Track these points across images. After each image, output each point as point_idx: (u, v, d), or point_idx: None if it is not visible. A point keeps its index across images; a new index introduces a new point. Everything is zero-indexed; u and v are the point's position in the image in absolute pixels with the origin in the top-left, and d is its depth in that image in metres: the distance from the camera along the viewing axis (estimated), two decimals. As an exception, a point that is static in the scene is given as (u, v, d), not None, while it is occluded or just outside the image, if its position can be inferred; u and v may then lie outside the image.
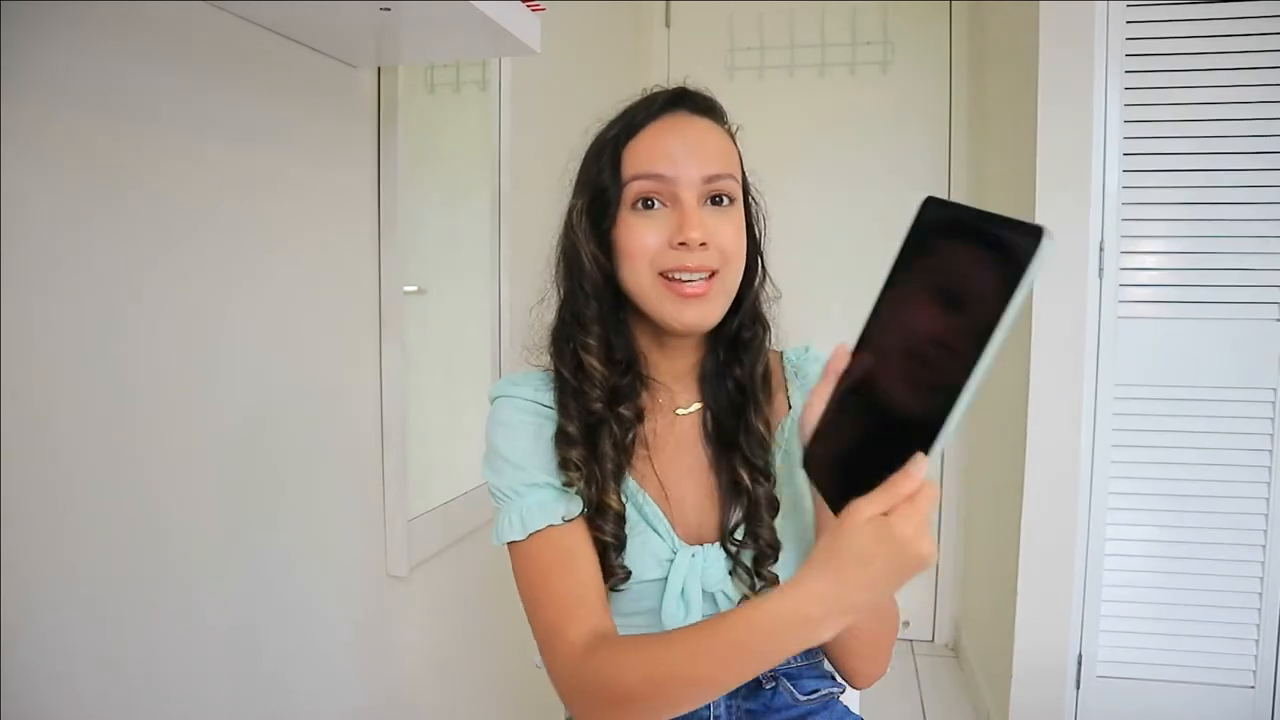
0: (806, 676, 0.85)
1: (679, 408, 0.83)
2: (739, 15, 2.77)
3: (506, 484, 0.78)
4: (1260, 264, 1.80)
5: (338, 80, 1.08)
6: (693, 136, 0.76)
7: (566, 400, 0.79)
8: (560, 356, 0.81)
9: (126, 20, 0.75)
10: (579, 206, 0.79)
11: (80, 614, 0.73)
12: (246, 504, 0.94)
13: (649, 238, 0.74)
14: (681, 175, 0.74)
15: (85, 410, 0.73)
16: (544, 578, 0.75)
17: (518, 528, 0.76)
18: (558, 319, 0.83)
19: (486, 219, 1.51)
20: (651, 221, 0.75)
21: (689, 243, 0.73)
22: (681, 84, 0.81)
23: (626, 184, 0.75)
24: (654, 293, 0.75)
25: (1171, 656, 1.88)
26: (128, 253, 0.77)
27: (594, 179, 0.78)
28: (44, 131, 0.68)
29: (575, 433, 0.77)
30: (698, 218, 0.73)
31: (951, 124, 2.68)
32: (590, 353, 0.78)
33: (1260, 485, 1.82)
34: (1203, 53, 1.78)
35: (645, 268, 0.75)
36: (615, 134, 0.77)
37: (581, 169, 0.81)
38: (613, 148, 0.77)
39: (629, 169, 0.75)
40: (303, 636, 1.05)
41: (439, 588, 1.39)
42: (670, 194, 0.74)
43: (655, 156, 0.75)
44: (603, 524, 0.76)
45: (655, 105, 0.78)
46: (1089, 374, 1.87)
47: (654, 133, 0.76)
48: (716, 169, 0.75)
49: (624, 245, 0.75)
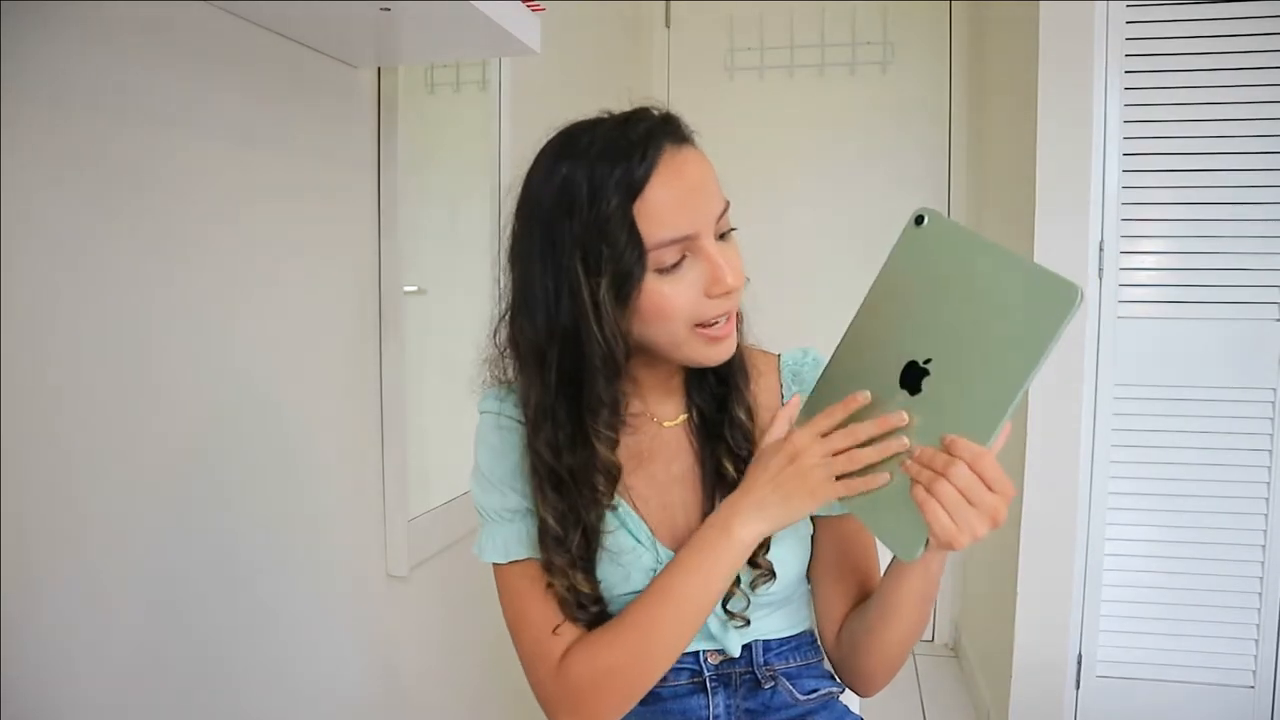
0: (806, 676, 0.85)
1: (665, 420, 0.83)
2: (739, 15, 2.77)
3: (490, 505, 0.80)
4: (1260, 264, 1.80)
5: (338, 80, 1.08)
6: (696, 177, 0.70)
7: (543, 485, 0.75)
8: (538, 435, 0.75)
9: (126, 20, 0.75)
10: (602, 289, 0.68)
11: (79, 614, 0.73)
12: (246, 503, 0.94)
13: (685, 296, 0.70)
14: (704, 227, 0.70)
15: (85, 410, 0.73)
16: (525, 602, 0.77)
17: (500, 551, 0.78)
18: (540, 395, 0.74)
19: (486, 219, 1.51)
20: (683, 279, 0.70)
21: (732, 292, 0.71)
22: (647, 102, 0.74)
23: (650, 252, 0.68)
24: (687, 341, 0.72)
25: (1171, 656, 1.88)
26: (127, 253, 0.77)
27: (613, 256, 0.67)
28: (44, 132, 0.68)
29: (558, 529, 0.74)
30: (729, 264, 0.70)
31: (951, 124, 2.68)
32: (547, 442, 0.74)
33: (1260, 485, 1.82)
34: (1203, 53, 1.79)
35: (681, 324, 0.71)
36: (617, 198, 0.67)
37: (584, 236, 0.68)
38: (621, 215, 0.67)
39: (649, 236, 0.67)
40: (303, 636, 1.05)
41: (439, 588, 1.39)
42: (693, 246, 0.70)
43: (677, 215, 0.68)
44: (579, 611, 0.76)
45: (644, 152, 0.68)
46: (1089, 374, 1.87)
47: (662, 185, 0.68)
48: (721, 204, 0.72)
49: (656, 309, 0.70)
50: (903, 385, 0.65)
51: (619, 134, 0.69)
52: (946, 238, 0.64)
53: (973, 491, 0.61)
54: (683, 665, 0.82)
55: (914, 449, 0.64)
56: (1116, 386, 1.87)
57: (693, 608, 0.72)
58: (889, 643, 0.78)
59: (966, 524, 0.61)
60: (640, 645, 0.73)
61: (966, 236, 0.63)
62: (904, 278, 0.66)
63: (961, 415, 0.62)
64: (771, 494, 0.70)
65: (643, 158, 0.68)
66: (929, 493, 0.62)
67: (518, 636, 0.78)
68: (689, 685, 0.82)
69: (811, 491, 0.69)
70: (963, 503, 0.61)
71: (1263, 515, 1.82)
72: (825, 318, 2.01)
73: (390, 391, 1.20)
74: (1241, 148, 1.78)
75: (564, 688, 0.74)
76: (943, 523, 0.61)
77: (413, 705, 1.33)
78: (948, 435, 0.62)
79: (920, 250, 0.65)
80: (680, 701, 0.82)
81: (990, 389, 0.60)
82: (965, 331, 0.62)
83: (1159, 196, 1.83)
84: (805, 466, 0.69)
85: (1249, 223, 1.79)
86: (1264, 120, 1.77)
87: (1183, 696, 1.88)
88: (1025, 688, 1.94)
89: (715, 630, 0.80)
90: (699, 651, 0.82)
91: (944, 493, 0.61)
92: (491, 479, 0.80)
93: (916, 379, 0.64)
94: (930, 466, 0.62)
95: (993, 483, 0.61)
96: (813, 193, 2.72)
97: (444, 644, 1.44)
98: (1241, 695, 1.86)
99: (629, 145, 0.68)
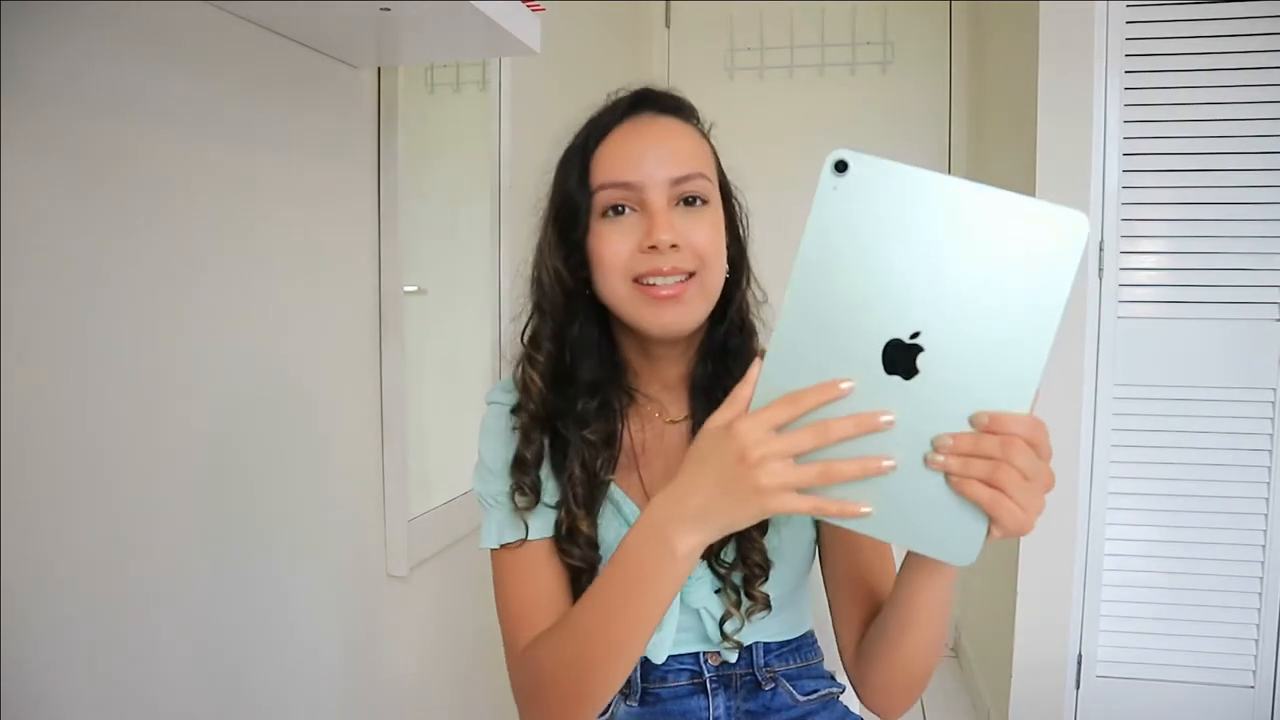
0: (806, 677, 0.85)
1: (670, 418, 0.83)
2: (739, 15, 2.77)
3: (487, 491, 0.81)
4: (1260, 264, 1.80)
5: (338, 80, 1.08)
6: (658, 137, 0.74)
7: (525, 421, 0.78)
8: (515, 375, 0.81)
9: (126, 20, 0.75)
10: (547, 217, 0.78)
11: (79, 614, 0.73)
12: (246, 503, 0.94)
13: (620, 245, 0.73)
14: (648, 179, 0.72)
15: (85, 410, 0.73)
16: (506, 587, 0.79)
17: (493, 536, 0.79)
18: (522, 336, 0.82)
19: (486, 219, 1.51)
20: (621, 228, 0.73)
21: (659, 245, 0.71)
22: (647, 85, 0.79)
23: (595, 193, 0.74)
24: (630, 299, 0.74)
25: (1171, 656, 1.88)
26: (127, 253, 0.77)
27: (562, 189, 0.77)
28: (44, 131, 0.68)
29: (529, 456, 0.77)
30: (666, 220, 0.72)
31: (951, 124, 2.68)
32: (536, 369, 0.78)
33: (1260, 485, 1.81)
34: (1203, 53, 1.78)
35: (619, 276, 0.73)
36: (581, 142, 0.76)
37: (553, 181, 0.79)
38: (580, 156, 0.75)
39: (596, 177, 0.74)
40: (303, 636, 1.05)
41: (439, 588, 1.39)
42: (639, 199, 0.73)
43: (621, 162, 0.73)
44: (571, 548, 0.76)
45: (620, 109, 0.76)
46: (1089, 374, 1.87)
47: (619, 138, 0.75)
48: (685, 169, 0.73)
49: (597, 254, 0.74)
50: (890, 371, 0.53)
51: (612, 103, 0.78)
52: (886, 183, 0.54)
53: (1033, 468, 0.53)
54: (683, 666, 0.82)
55: (942, 439, 0.53)
56: (1116, 386, 1.87)
57: (630, 625, 0.66)
58: (911, 656, 0.72)
59: (1032, 504, 0.53)
60: (579, 657, 0.69)
61: (921, 179, 0.53)
62: (844, 238, 0.53)
63: (985, 388, 0.52)
64: (718, 500, 0.58)
65: (614, 113, 0.76)
66: (992, 484, 0.53)
67: (500, 622, 0.79)
68: (689, 686, 0.82)
69: (762, 505, 0.56)
70: (1024, 483, 0.52)
71: (1263, 515, 1.82)
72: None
73: (390, 391, 1.20)
74: (1241, 148, 1.78)
75: (522, 678, 0.76)
76: (1014, 514, 0.53)
77: (412, 705, 1.33)
78: (985, 412, 0.52)
79: (857, 202, 0.54)
80: (680, 703, 0.82)
81: (1014, 350, 0.52)
82: (960, 292, 0.52)
83: (1159, 196, 1.83)
84: (757, 471, 0.55)
85: (1249, 223, 1.79)
86: (1264, 120, 1.77)
87: (1182, 696, 1.88)
88: (1025, 688, 1.94)
89: (713, 637, 0.80)
90: (699, 653, 0.82)
91: (1008, 480, 0.52)
92: (493, 467, 0.80)
93: (908, 359, 0.53)
94: (978, 454, 0.53)
95: (1046, 452, 0.54)
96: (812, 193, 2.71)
97: (443, 644, 1.44)
98: (1241, 695, 1.85)
99: (614, 105, 0.77)
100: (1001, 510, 0.53)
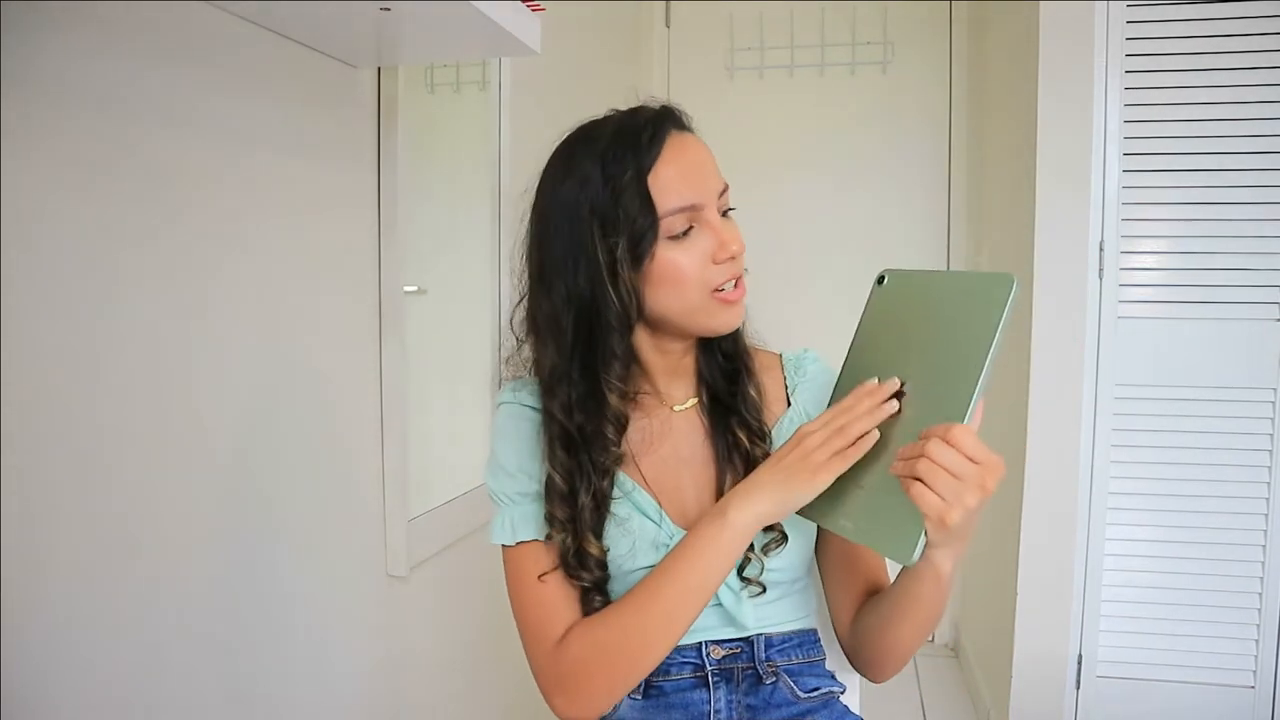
0: (808, 674, 0.86)
1: (676, 404, 0.86)
2: (739, 15, 2.77)
3: (501, 489, 0.83)
4: (1260, 264, 1.80)
5: (338, 80, 1.08)
6: (699, 157, 0.79)
7: (554, 445, 0.79)
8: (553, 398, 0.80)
9: (126, 20, 0.75)
10: (619, 250, 0.75)
11: (79, 615, 0.73)
12: (246, 504, 0.94)
13: (695, 261, 0.77)
14: (708, 199, 0.77)
15: (85, 410, 0.73)
16: (525, 583, 0.80)
17: (508, 533, 0.81)
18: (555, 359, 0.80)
19: (486, 219, 1.51)
20: (693, 247, 0.77)
21: (736, 256, 0.78)
22: (650, 100, 0.82)
23: (662, 220, 0.75)
24: (704, 308, 0.78)
25: (1171, 656, 1.88)
26: (127, 253, 0.77)
27: (628, 221, 0.75)
28: (44, 131, 0.68)
29: (563, 487, 0.79)
30: (732, 231, 0.79)
31: (951, 124, 2.68)
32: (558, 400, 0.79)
33: (1260, 485, 1.82)
34: (1203, 53, 1.78)
35: (695, 289, 0.77)
36: (631, 172, 0.75)
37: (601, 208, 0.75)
38: (636, 186, 0.75)
39: (661, 205, 0.75)
40: (303, 636, 1.05)
41: (439, 588, 1.39)
42: (699, 217, 0.77)
43: (684, 187, 0.76)
44: (581, 572, 0.78)
45: (660, 131, 0.77)
46: (1089, 374, 1.87)
47: (670, 162, 0.76)
48: (722, 183, 0.80)
49: (670, 275, 0.77)
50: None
51: (628, 121, 0.78)
52: (905, 285, 0.74)
53: (954, 464, 0.63)
54: (685, 659, 0.82)
55: (900, 451, 0.68)
56: (1116, 386, 1.87)
57: (689, 589, 0.73)
58: (901, 638, 0.81)
59: (955, 497, 0.63)
60: (636, 622, 0.74)
61: (921, 277, 0.74)
62: (877, 327, 0.75)
63: (936, 412, 0.67)
64: (771, 476, 0.72)
65: (652, 138, 0.76)
66: (914, 476, 0.64)
67: (521, 617, 0.80)
68: (691, 679, 0.82)
69: (814, 471, 0.70)
70: (947, 477, 0.63)
71: (1263, 515, 1.82)
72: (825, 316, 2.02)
73: (390, 391, 1.20)
74: (1241, 148, 1.78)
75: (559, 667, 0.77)
76: (930, 500, 0.63)
77: (412, 705, 1.33)
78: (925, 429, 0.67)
79: (887, 302, 0.74)
80: (682, 695, 0.82)
81: (956, 380, 0.66)
82: (929, 348, 0.69)
83: (1159, 196, 1.83)
84: (809, 448, 0.71)
85: (1249, 223, 1.79)
86: (1264, 120, 1.77)
87: (1182, 696, 1.88)
88: (1025, 687, 1.94)
89: (728, 602, 0.81)
90: (702, 644, 0.82)
91: (926, 470, 0.63)
92: (506, 465, 0.83)
93: (900, 400, 0.70)
94: (912, 455, 0.66)
95: (973, 454, 0.64)
96: (812, 192, 2.72)
97: (444, 644, 1.44)
98: (1241, 695, 1.85)
99: (638, 128, 0.77)
100: (924, 500, 0.64)
